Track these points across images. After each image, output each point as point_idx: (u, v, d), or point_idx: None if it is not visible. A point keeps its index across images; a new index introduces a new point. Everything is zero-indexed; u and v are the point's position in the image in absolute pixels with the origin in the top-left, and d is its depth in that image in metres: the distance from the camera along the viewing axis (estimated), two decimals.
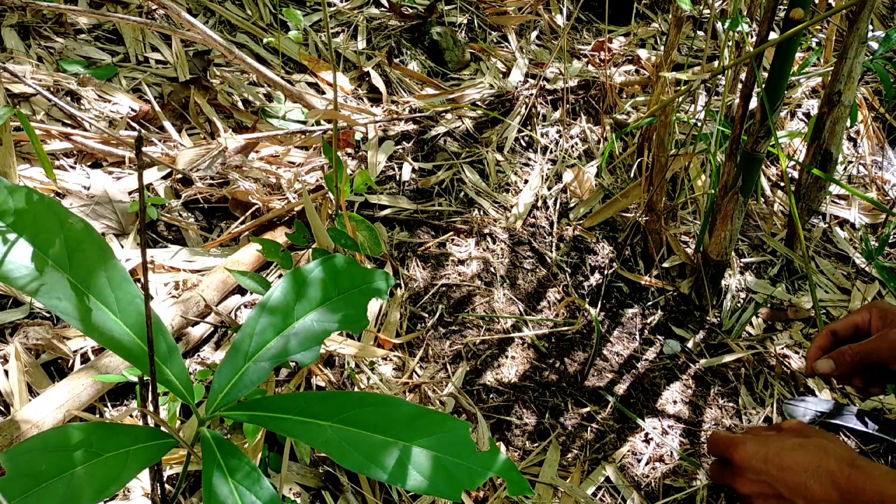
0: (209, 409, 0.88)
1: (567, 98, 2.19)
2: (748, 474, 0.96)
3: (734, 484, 0.99)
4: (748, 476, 0.96)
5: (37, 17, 1.97)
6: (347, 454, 0.81)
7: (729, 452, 0.99)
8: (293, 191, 1.73)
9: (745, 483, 0.97)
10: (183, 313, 1.38)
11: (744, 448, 0.97)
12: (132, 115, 1.82)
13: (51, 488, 0.71)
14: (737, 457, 0.98)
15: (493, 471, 0.81)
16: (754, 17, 1.99)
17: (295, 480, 1.25)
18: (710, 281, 1.76)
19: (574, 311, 1.72)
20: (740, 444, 0.98)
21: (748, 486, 0.97)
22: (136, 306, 0.86)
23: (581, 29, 2.63)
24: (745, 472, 0.97)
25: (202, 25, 1.83)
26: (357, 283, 0.98)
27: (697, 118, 2.08)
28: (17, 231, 0.82)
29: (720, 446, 1.02)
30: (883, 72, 1.86)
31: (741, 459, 0.97)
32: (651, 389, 1.59)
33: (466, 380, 1.50)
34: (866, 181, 2.32)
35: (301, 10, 2.32)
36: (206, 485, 0.79)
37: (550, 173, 2.01)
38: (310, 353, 0.92)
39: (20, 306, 1.37)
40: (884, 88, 1.90)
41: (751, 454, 0.96)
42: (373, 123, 1.98)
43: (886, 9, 3.08)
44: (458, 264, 1.72)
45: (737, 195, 1.61)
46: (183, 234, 1.63)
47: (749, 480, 0.97)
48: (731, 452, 0.99)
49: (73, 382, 1.21)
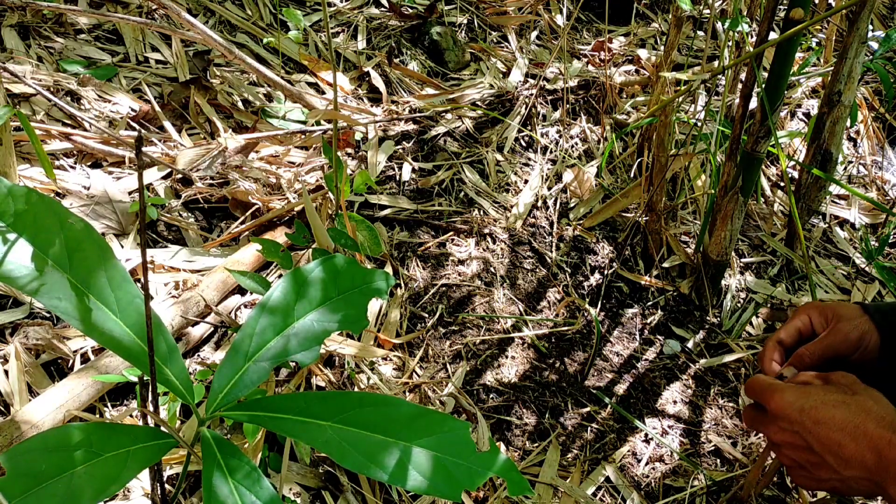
0: (209, 409, 0.88)
1: (567, 98, 2.19)
2: (782, 423, 0.94)
3: (766, 430, 0.97)
4: (781, 424, 0.94)
5: (37, 17, 1.97)
6: (347, 454, 0.81)
7: (766, 398, 0.96)
8: (293, 191, 1.73)
9: (776, 431, 0.95)
10: (183, 313, 1.38)
11: (781, 396, 0.94)
12: (132, 115, 1.82)
13: (51, 488, 0.71)
14: (773, 404, 0.95)
15: (493, 471, 0.81)
16: (754, 17, 1.99)
17: (295, 480, 1.25)
18: (710, 281, 1.77)
19: (574, 311, 1.72)
20: (778, 392, 0.95)
21: (779, 434, 0.94)
22: (136, 306, 0.86)
23: (581, 29, 2.63)
24: (779, 420, 0.94)
25: (202, 25, 1.83)
26: (357, 283, 0.98)
27: (697, 118, 2.08)
28: (17, 231, 0.82)
29: (758, 390, 0.99)
30: (883, 72, 1.86)
31: (777, 407, 0.94)
32: (651, 389, 1.59)
33: (466, 380, 1.50)
34: (866, 181, 2.33)
35: (301, 10, 2.32)
36: (206, 485, 0.79)
37: (550, 173, 2.01)
38: (310, 353, 0.92)
39: (20, 306, 1.37)
40: (884, 88, 1.90)
41: (787, 403, 0.93)
42: (373, 123, 1.98)
43: (886, 9, 3.08)
44: (458, 264, 1.72)
45: (737, 195, 1.61)
46: (183, 234, 1.63)
47: (781, 429, 0.94)
48: (767, 398, 0.96)
49: (73, 382, 1.21)
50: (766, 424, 0.97)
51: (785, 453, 0.95)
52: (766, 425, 0.97)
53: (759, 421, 0.99)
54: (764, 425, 0.98)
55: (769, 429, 0.97)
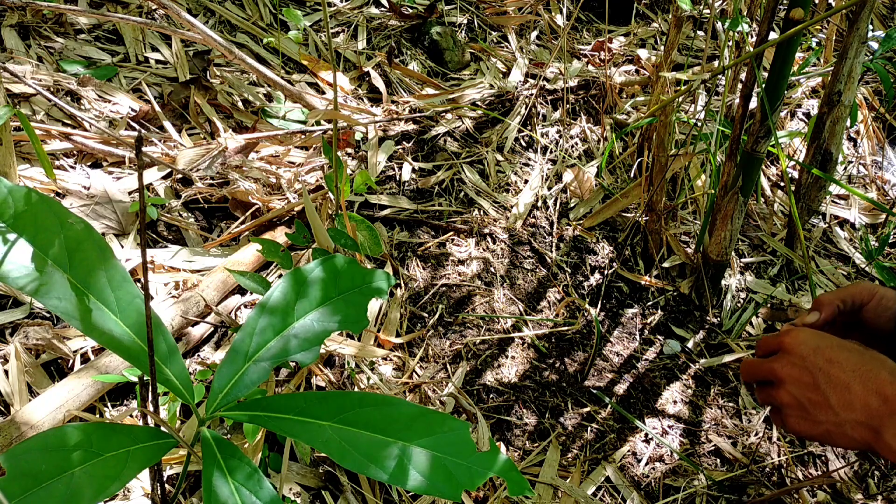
0: (209, 409, 0.88)
1: (567, 98, 2.19)
2: (794, 358, 0.94)
3: (773, 365, 0.96)
4: (793, 360, 0.94)
5: (37, 17, 1.97)
6: (347, 454, 0.81)
7: (781, 337, 0.97)
8: (293, 191, 1.73)
9: (786, 365, 0.95)
10: (183, 313, 1.38)
11: (798, 333, 0.95)
12: (132, 115, 1.82)
13: (51, 488, 0.71)
14: (789, 339, 0.95)
15: (493, 471, 0.81)
16: (754, 17, 1.99)
17: (295, 480, 1.25)
18: (710, 281, 1.76)
19: (574, 311, 1.72)
20: (795, 330, 0.96)
21: (788, 368, 0.94)
22: (136, 306, 0.86)
23: (581, 29, 2.63)
24: (792, 356, 0.94)
25: (202, 25, 1.83)
26: (357, 283, 0.98)
27: (697, 118, 2.08)
28: (17, 231, 0.82)
29: (772, 337, 0.99)
30: (883, 72, 1.86)
31: (792, 342, 0.95)
32: (651, 389, 1.59)
33: (466, 380, 1.50)
34: (866, 181, 2.32)
35: (301, 10, 2.32)
36: (206, 485, 0.79)
37: (550, 173, 2.01)
38: (310, 353, 0.92)
39: (20, 306, 1.37)
40: (884, 88, 1.90)
41: (803, 340, 0.94)
42: (373, 123, 1.98)
43: (886, 9, 3.08)
44: (458, 264, 1.72)
45: (737, 195, 1.61)
46: (183, 234, 1.63)
47: (792, 364, 0.94)
48: (782, 337, 0.96)
49: (73, 382, 1.21)
50: (774, 361, 0.96)
51: (788, 390, 0.95)
52: (773, 362, 0.97)
53: (762, 364, 0.99)
54: (771, 363, 0.97)
55: (778, 362, 0.96)
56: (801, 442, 1.59)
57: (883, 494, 1.51)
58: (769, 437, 1.56)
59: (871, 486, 1.52)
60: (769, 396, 0.97)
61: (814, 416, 0.92)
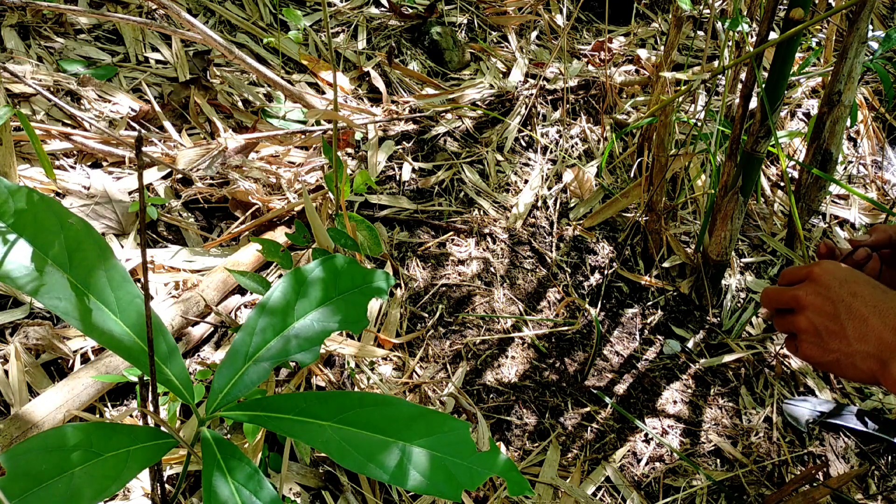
0: (209, 409, 0.88)
1: (567, 98, 2.19)
2: (819, 287, 0.96)
3: (798, 293, 0.99)
4: (818, 289, 0.96)
5: (37, 17, 1.97)
6: (347, 454, 0.81)
7: (810, 267, 0.99)
8: (293, 191, 1.73)
9: (811, 293, 0.97)
10: (183, 313, 1.38)
11: (828, 264, 0.98)
12: (132, 115, 1.82)
13: (51, 488, 0.71)
14: (818, 269, 0.98)
15: (494, 471, 0.81)
16: (754, 17, 1.99)
17: (295, 480, 1.25)
18: (710, 281, 1.76)
19: (574, 311, 1.72)
20: (826, 262, 0.99)
21: (812, 297, 0.97)
22: (136, 306, 0.86)
23: (581, 29, 2.63)
24: (818, 284, 0.97)
25: (202, 25, 1.83)
26: (357, 283, 0.98)
27: (697, 118, 2.08)
28: (17, 231, 0.82)
29: (800, 268, 1.02)
30: (883, 72, 1.86)
31: (821, 272, 0.97)
32: (651, 389, 1.59)
33: (466, 380, 1.50)
34: (866, 181, 2.32)
35: (301, 10, 2.32)
36: (206, 485, 0.79)
37: (550, 173, 2.01)
38: (310, 353, 0.92)
39: (20, 306, 1.37)
40: (884, 88, 1.90)
41: (831, 272, 0.97)
42: (373, 123, 1.98)
43: (886, 9, 3.08)
44: (458, 264, 1.72)
45: (737, 195, 1.61)
46: (183, 234, 1.63)
47: (816, 292, 0.97)
48: (812, 267, 0.99)
49: (73, 382, 1.21)
50: (799, 289, 0.99)
51: (808, 316, 0.97)
52: (798, 290, 0.99)
53: (786, 291, 1.01)
54: (795, 290, 0.99)
55: (802, 291, 0.98)
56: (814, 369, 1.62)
57: (883, 494, 1.51)
58: (769, 436, 1.56)
59: (871, 487, 1.52)
60: (788, 323, 1.00)
61: (827, 344, 0.95)
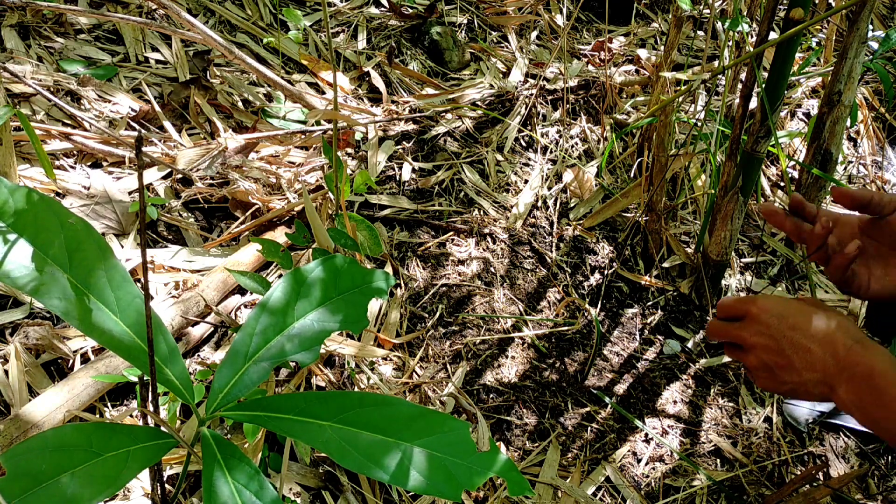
0: (209, 409, 0.88)
1: (567, 98, 2.19)
2: (760, 326, 1.00)
3: (742, 333, 1.02)
4: (758, 327, 1.01)
5: (37, 17, 1.97)
6: (347, 454, 0.81)
7: (746, 306, 1.03)
8: (293, 191, 1.73)
9: (753, 333, 1.01)
10: (183, 313, 1.38)
11: (764, 302, 1.02)
12: (132, 115, 1.82)
13: (51, 488, 0.71)
14: (755, 308, 1.02)
15: (493, 471, 0.81)
16: (754, 17, 1.99)
17: (295, 480, 1.25)
18: (710, 281, 1.76)
19: (574, 311, 1.72)
20: (761, 299, 1.03)
21: (755, 336, 1.01)
22: (136, 306, 0.86)
23: (581, 29, 2.63)
24: (758, 323, 1.01)
25: (202, 25, 1.83)
26: (357, 283, 0.98)
27: (697, 118, 2.08)
28: (17, 231, 0.82)
29: (734, 303, 1.06)
30: (883, 72, 1.86)
31: (759, 311, 1.01)
32: (651, 389, 1.59)
33: (466, 380, 1.50)
34: (866, 181, 2.32)
35: (301, 10, 2.32)
36: (206, 485, 0.79)
37: (550, 173, 2.01)
38: (310, 353, 0.92)
39: (20, 306, 1.37)
40: (884, 88, 1.90)
41: (769, 308, 1.01)
42: (373, 123, 1.98)
43: (886, 9, 3.08)
44: (458, 264, 1.72)
45: (737, 195, 1.61)
46: (183, 234, 1.63)
47: (757, 332, 1.01)
48: (748, 306, 1.03)
49: (73, 382, 1.21)
50: (742, 329, 1.04)
51: (758, 355, 1.02)
52: (741, 330, 1.04)
53: (732, 328, 1.05)
54: (738, 330, 1.04)
55: (745, 330, 1.03)
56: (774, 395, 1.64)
57: (883, 494, 1.51)
58: (769, 436, 1.56)
59: (871, 487, 1.52)
60: (738, 356, 1.04)
61: (780, 376, 1.00)
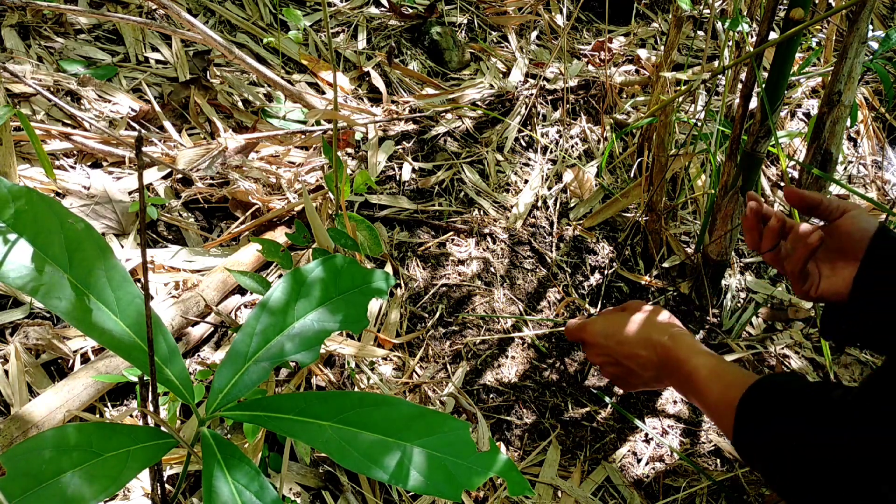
0: (209, 409, 0.88)
1: (567, 98, 2.19)
2: (595, 349, 1.21)
3: (587, 354, 1.25)
4: (594, 350, 1.22)
5: (37, 17, 1.97)
6: (347, 454, 0.81)
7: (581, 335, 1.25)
8: (293, 191, 1.73)
9: (595, 356, 1.22)
10: (183, 313, 1.38)
11: (591, 328, 1.22)
12: (132, 115, 1.82)
13: (51, 488, 0.71)
14: (586, 335, 1.23)
15: (493, 471, 0.81)
16: (754, 17, 1.99)
17: (295, 480, 1.25)
18: (710, 281, 1.76)
19: (574, 311, 1.72)
20: (588, 325, 1.23)
21: (597, 357, 1.22)
22: (136, 306, 0.86)
23: (581, 29, 2.63)
24: (593, 346, 1.22)
25: (202, 25, 1.83)
26: (357, 283, 0.98)
27: (697, 118, 2.08)
28: (17, 231, 0.82)
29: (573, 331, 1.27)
30: (883, 72, 1.86)
31: (589, 338, 1.22)
32: None
33: (466, 380, 1.50)
34: (866, 181, 2.33)
35: (301, 10, 2.32)
36: (206, 485, 0.79)
37: (550, 173, 2.01)
38: (310, 353, 0.92)
39: (20, 306, 1.37)
40: (884, 88, 1.90)
41: (595, 333, 1.21)
42: (373, 123, 1.98)
43: (886, 9, 3.08)
44: (458, 264, 1.72)
45: (737, 195, 1.61)
46: (183, 234, 1.63)
47: (595, 354, 1.22)
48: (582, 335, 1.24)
49: (73, 382, 1.21)
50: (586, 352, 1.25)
51: (607, 370, 1.21)
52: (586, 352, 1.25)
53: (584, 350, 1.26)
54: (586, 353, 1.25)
55: (588, 355, 1.24)
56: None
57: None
58: None
59: None
60: None
61: (629, 381, 1.19)
